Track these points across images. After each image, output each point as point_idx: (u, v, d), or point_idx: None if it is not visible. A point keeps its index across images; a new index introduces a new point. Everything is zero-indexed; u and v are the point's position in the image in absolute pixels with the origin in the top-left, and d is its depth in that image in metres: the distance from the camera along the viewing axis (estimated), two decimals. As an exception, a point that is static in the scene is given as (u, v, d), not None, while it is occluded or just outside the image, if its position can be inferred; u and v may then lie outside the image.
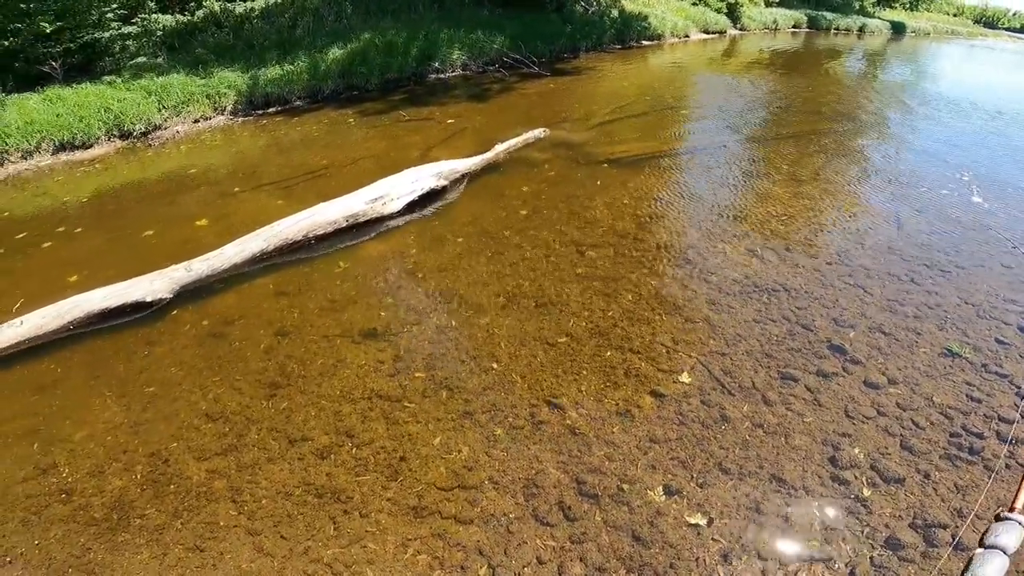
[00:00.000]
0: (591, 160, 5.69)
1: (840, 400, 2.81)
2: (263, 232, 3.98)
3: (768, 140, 6.95)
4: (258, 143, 6.81)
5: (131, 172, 6.06)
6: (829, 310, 3.41)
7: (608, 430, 2.64)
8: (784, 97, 9.50)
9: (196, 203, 5.11)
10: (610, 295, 3.49)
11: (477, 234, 4.21)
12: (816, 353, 3.09)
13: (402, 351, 3.11)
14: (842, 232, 4.45)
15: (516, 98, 8.46)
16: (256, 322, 3.38)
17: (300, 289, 3.67)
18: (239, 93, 7.78)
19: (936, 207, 5.05)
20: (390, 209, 4.39)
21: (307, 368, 3.00)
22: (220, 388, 2.88)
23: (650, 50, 13.65)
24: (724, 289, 3.55)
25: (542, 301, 3.44)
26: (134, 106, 6.96)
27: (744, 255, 3.91)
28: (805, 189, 5.30)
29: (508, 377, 2.93)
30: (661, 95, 8.94)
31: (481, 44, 10.37)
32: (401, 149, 6.28)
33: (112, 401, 2.80)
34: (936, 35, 28.94)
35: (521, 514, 2.26)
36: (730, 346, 3.12)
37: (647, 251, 3.95)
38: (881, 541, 2.16)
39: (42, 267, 4.15)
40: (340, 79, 8.65)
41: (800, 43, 18.28)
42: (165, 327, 3.36)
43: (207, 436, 2.60)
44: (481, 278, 3.67)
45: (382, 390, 2.85)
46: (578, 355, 3.06)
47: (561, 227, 4.28)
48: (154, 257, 4.12)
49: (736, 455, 2.52)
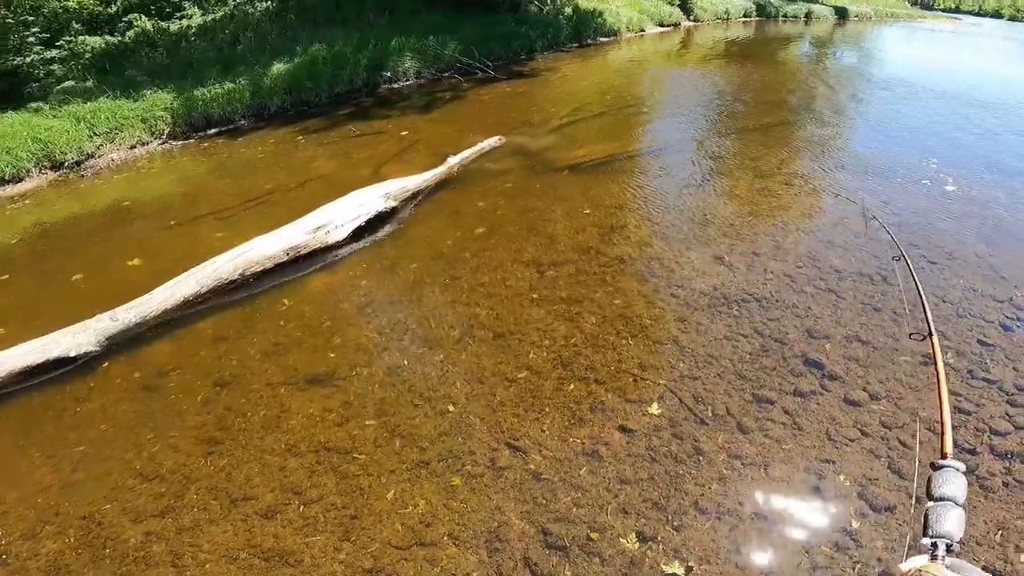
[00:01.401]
0: (550, 167, 5.47)
1: (820, 422, 2.65)
2: (196, 272, 3.66)
3: (728, 135, 6.84)
4: (199, 168, 6.43)
5: (63, 207, 5.65)
6: (802, 320, 3.25)
7: (574, 473, 2.44)
8: (741, 89, 9.46)
9: (130, 240, 4.75)
10: (572, 319, 3.27)
11: (431, 258, 3.96)
12: (792, 370, 2.92)
13: (351, 397, 2.85)
14: (809, 231, 4.32)
15: (471, 105, 8.21)
16: (193, 372, 3.10)
17: (240, 333, 3.38)
18: (177, 116, 7.35)
19: (903, 197, 4.98)
20: (335, 238, 4.10)
21: (248, 421, 2.75)
22: (155, 446, 2.65)
23: (607, 47, 13.54)
24: (692, 304, 3.36)
25: (500, 331, 3.20)
26: (63, 134, 6.52)
27: (711, 263, 3.74)
28: (769, 185, 5.17)
29: (465, 420, 2.70)
30: (620, 93, 8.80)
31: (434, 50, 10.08)
32: (351, 167, 5.98)
33: (41, 462, 2.61)
34: (878, 19, 29.65)
35: (484, 573, 2.07)
36: (701, 369, 2.93)
37: (610, 266, 3.74)
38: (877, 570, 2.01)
39: (-41, 322, 3.77)
40: (287, 95, 8.28)
41: (752, 32, 18.46)
42: (95, 382, 3.09)
43: (142, 497, 2.41)
44: (436, 309, 3.42)
45: (330, 441, 2.61)
46: (539, 391, 2.84)
47: (520, 245, 4.04)
48: (83, 304, 3.81)
49: (713, 492, 2.34)
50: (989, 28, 32.61)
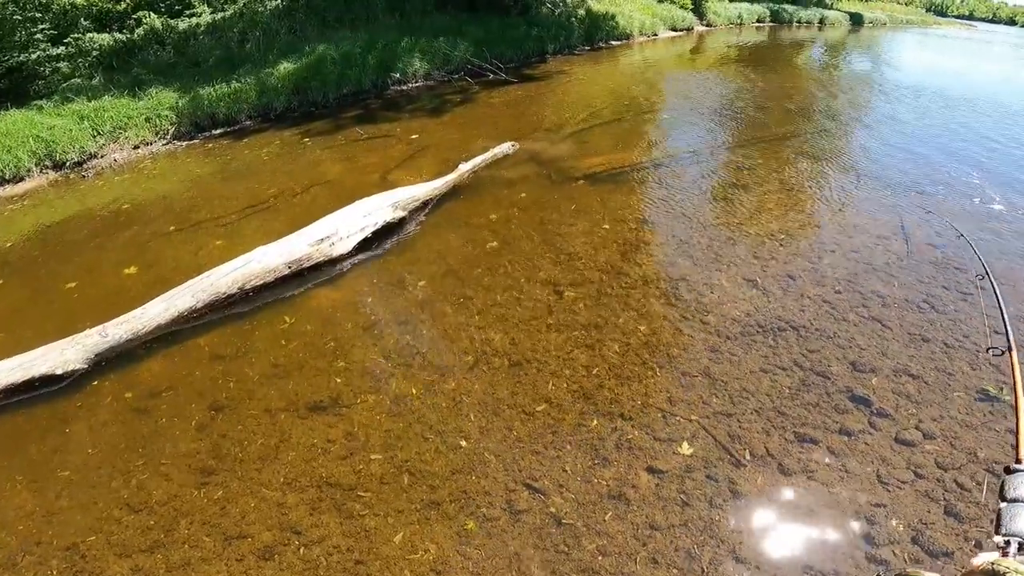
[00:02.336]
0: (565, 177, 5.23)
1: (870, 463, 2.42)
2: (192, 285, 3.44)
3: (750, 145, 6.58)
4: (202, 170, 6.23)
5: (62, 209, 5.47)
6: (845, 351, 3.00)
7: (599, 517, 2.22)
8: (760, 96, 9.20)
9: (126, 246, 4.55)
10: (594, 347, 3.04)
11: (441, 275, 3.72)
12: (836, 407, 2.68)
13: (356, 427, 2.62)
14: (847, 252, 4.04)
15: (482, 109, 7.99)
16: (187, 394, 2.89)
17: (239, 351, 3.16)
18: (182, 115, 7.16)
19: (942, 214, 4.71)
20: (339, 250, 3.88)
21: (245, 450, 2.54)
22: (144, 473, 2.45)
23: (619, 50, 13.31)
24: (724, 332, 3.12)
25: (516, 358, 2.97)
26: (65, 133, 6.34)
27: (743, 287, 3.49)
28: (798, 201, 4.92)
29: (479, 456, 2.47)
30: (635, 98, 8.56)
31: (443, 52, 9.87)
32: (358, 172, 5.77)
33: (23, 487, 2.43)
34: (892, 25, 29.36)
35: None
36: (735, 404, 2.70)
37: (633, 288, 3.50)
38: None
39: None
40: (294, 95, 8.08)
41: (767, 37, 18.20)
42: (83, 401, 2.88)
43: (130, 530, 2.22)
44: (446, 332, 3.19)
45: (333, 476, 2.40)
46: (560, 426, 2.60)
47: (535, 262, 3.81)
48: (75, 314, 3.63)
49: (752, 541, 2.11)
50: (1004, 36, 32.24)
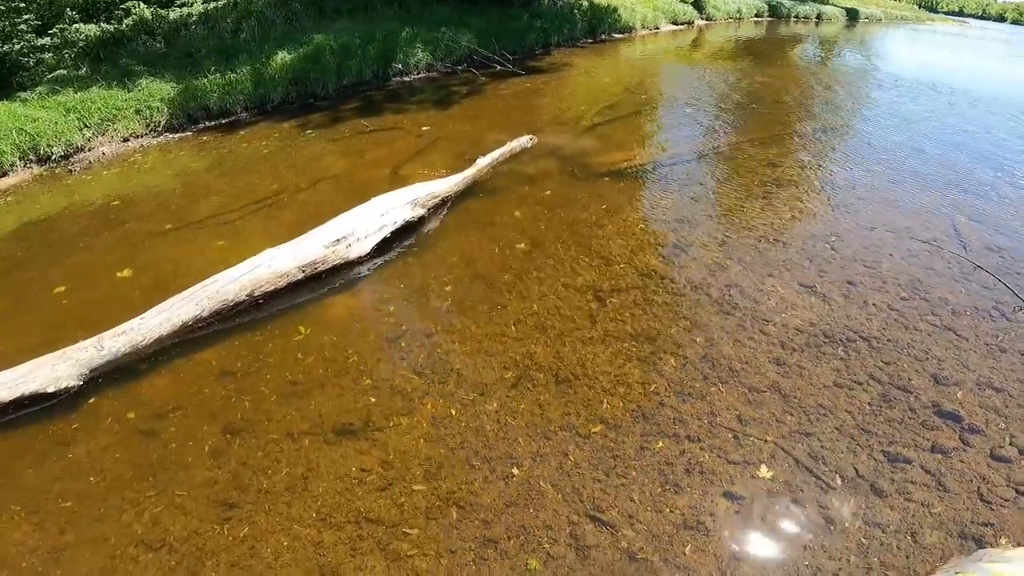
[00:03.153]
0: (590, 173, 4.93)
1: (969, 481, 2.19)
2: (196, 292, 3.11)
3: (777, 141, 6.26)
4: (197, 164, 5.86)
5: (48, 205, 5.09)
6: (923, 363, 2.75)
7: (678, 551, 1.97)
8: (776, 91, 8.88)
9: (119, 246, 4.20)
10: (647, 360, 2.75)
11: (468, 280, 3.42)
12: (924, 423, 2.43)
13: (391, 454, 2.33)
14: (905, 255, 3.77)
15: (491, 100, 7.67)
16: (197, 414, 2.58)
17: (251, 367, 2.84)
18: (175, 106, 6.78)
19: (994, 210, 4.47)
20: (356, 252, 3.56)
21: (270, 479, 2.24)
22: (158, 505, 2.16)
23: (622, 43, 13.02)
24: (788, 343, 2.85)
25: (563, 375, 2.68)
26: (50, 126, 5.96)
27: (801, 294, 3.22)
28: (843, 199, 4.65)
29: (535, 485, 2.20)
30: (650, 92, 8.27)
31: (446, 42, 9.53)
32: (366, 167, 5.43)
33: (22, 518, 2.14)
34: (887, 20, 29.41)
35: None
36: (814, 423, 2.43)
37: (681, 295, 3.22)
38: None
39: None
40: (291, 86, 7.72)
41: (766, 32, 17.98)
42: (80, 421, 2.57)
43: (150, 571, 1.95)
44: (481, 344, 2.89)
45: (372, 511, 2.11)
46: (621, 449, 2.33)
47: (571, 265, 3.51)
48: (65, 323, 3.29)
49: (854, 567, 1.87)
50: (994, 32, 32.46)
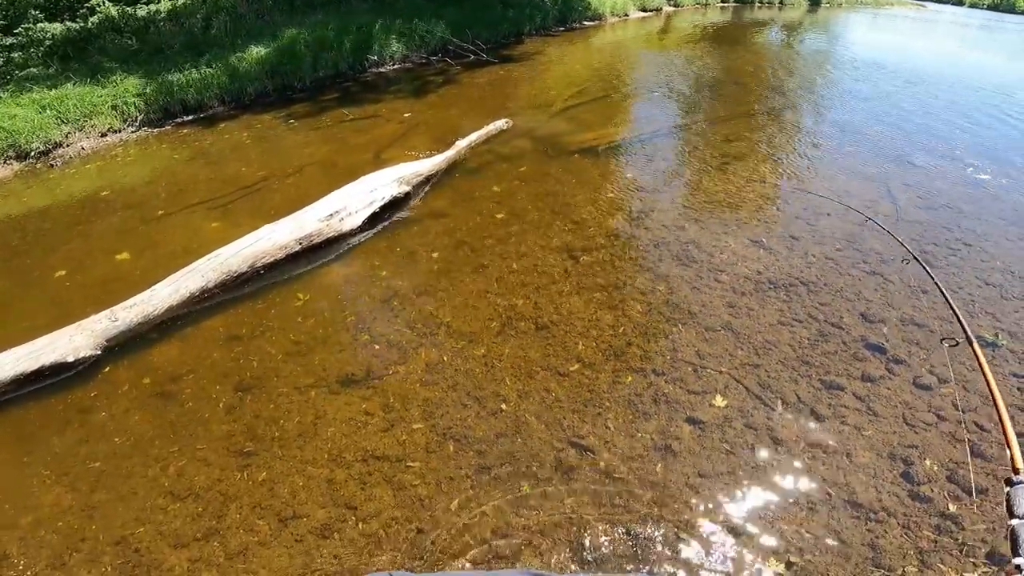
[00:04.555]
0: (562, 151, 5.24)
1: (895, 406, 2.54)
2: (201, 265, 3.35)
3: (735, 118, 6.67)
4: (180, 156, 6.01)
5: (34, 199, 5.21)
6: (854, 303, 3.13)
7: (650, 469, 2.27)
8: (738, 73, 9.32)
9: (114, 232, 4.37)
10: (617, 307, 3.08)
11: (454, 246, 3.71)
12: (855, 355, 2.80)
13: (391, 399, 2.61)
14: (842, 213, 4.17)
15: (467, 88, 7.91)
16: (209, 376, 2.81)
17: (256, 331, 3.09)
18: (151, 102, 6.89)
19: (923, 177, 4.91)
20: (349, 225, 3.82)
21: (282, 429, 2.49)
22: (181, 459, 2.38)
23: (593, 31, 13.31)
24: (738, 289, 3.21)
25: (542, 322, 3.00)
26: (27, 123, 6.04)
27: (750, 247, 3.59)
28: (789, 167, 5.07)
29: (521, 419, 2.50)
30: (618, 76, 8.60)
31: (421, 33, 9.71)
32: (350, 152, 5.66)
33: (53, 481, 2.32)
34: (848, 5, 30.17)
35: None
36: (761, 356, 2.79)
37: (646, 251, 3.56)
38: (983, 558, 1.93)
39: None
40: (268, 79, 7.85)
41: (732, 17, 18.44)
42: (98, 389, 2.77)
43: (179, 519, 2.14)
44: (468, 300, 3.19)
45: (378, 449, 2.38)
46: (596, 384, 2.65)
47: (546, 230, 3.82)
48: (71, 303, 3.48)
49: (801, 482, 2.21)
50: (951, 15, 33.55)
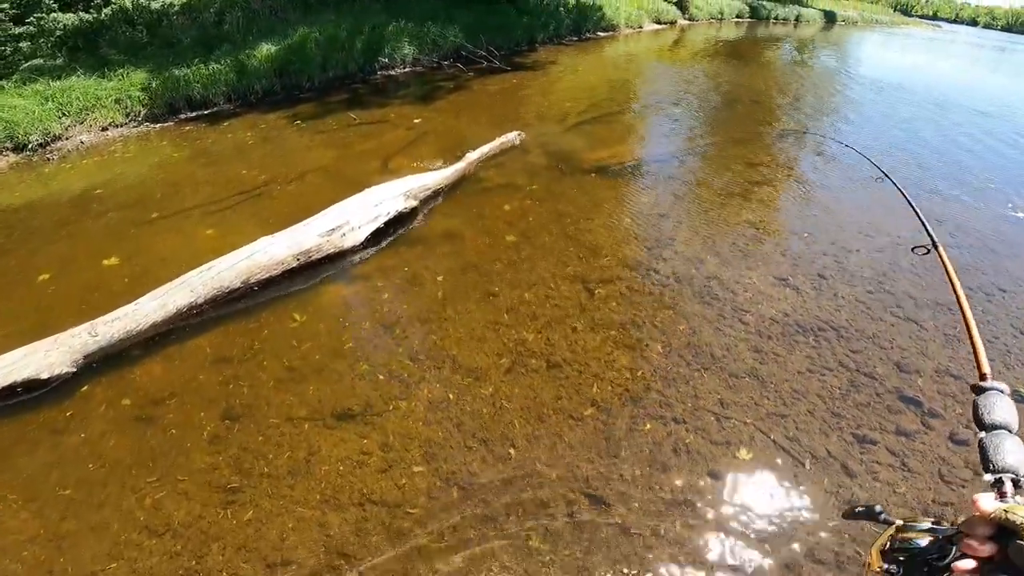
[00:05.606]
0: (576, 169, 5.04)
1: (930, 462, 2.35)
2: (191, 278, 3.14)
3: (756, 140, 6.45)
4: (180, 154, 5.83)
5: (26, 193, 5.02)
6: (888, 352, 2.93)
7: (669, 526, 2.08)
8: (758, 92, 9.11)
9: (103, 234, 4.17)
10: (634, 347, 2.88)
11: (460, 270, 3.51)
12: (889, 407, 2.60)
13: (391, 437, 2.40)
14: (872, 251, 3.94)
15: (478, 96, 7.74)
16: (194, 401, 2.61)
17: (246, 353, 2.89)
18: (156, 96, 6.73)
19: (955, 211, 4.71)
20: (351, 242, 3.62)
21: (272, 464, 2.29)
22: (160, 491, 2.19)
23: (607, 42, 13.17)
24: (764, 332, 3.01)
25: (554, 360, 2.79)
26: (27, 114, 5.87)
27: (776, 285, 3.38)
28: (813, 195, 4.85)
29: (531, 466, 2.30)
30: (633, 89, 8.42)
31: (433, 37, 9.55)
32: (355, 159, 5.47)
33: (20, 506, 2.14)
34: (863, 23, 30.18)
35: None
36: (788, 406, 2.59)
37: (665, 286, 3.35)
38: None
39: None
40: (276, 77, 7.69)
41: (746, 33, 18.33)
42: (74, 408, 2.58)
43: (155, 556, 1.96)
44: (474, 331, 2.98)
45: (375, 492, 2.18)
46: (612, 431, 2.45)
47: (559, 257, 3.62)
48: (52, 310, 3.29)
49: (827, 543, 2.02)
50: (965, 35, 33.57)
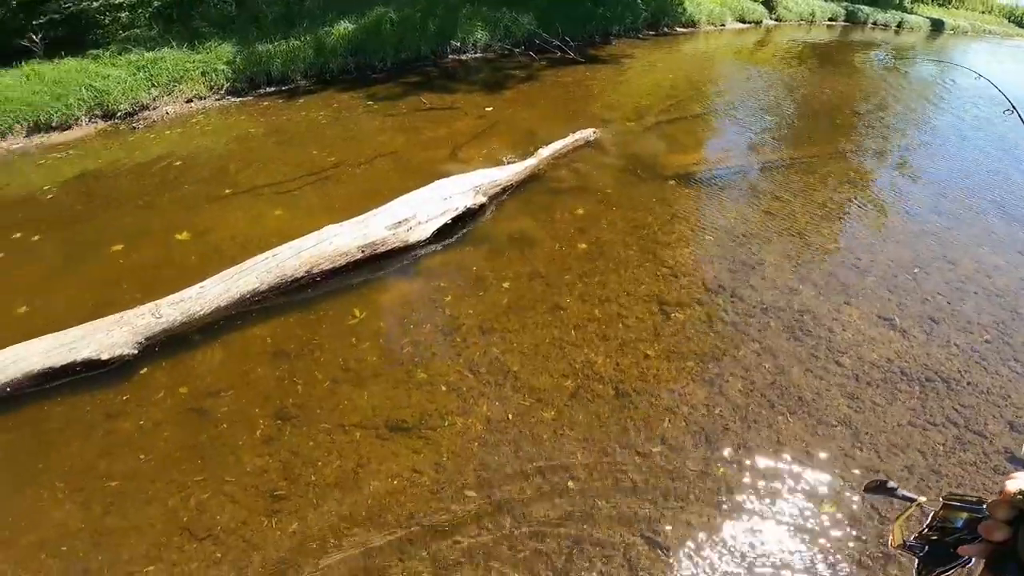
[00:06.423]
0: (656, 174, 4.74)
1: None
2: (255, 264, 3.11)
3: (862, 154, 5.82)
4: (256, 130, 5.91)
5: (109, 160, 5.21)
6: (1002, 409, 2.57)
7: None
8: (856, 100, 8.30)
9: (178, 207, 4.25)
10: (712, 382, 2.63)
11: (527, 277, 3.33)
12: (996, 469, 2.29)
13: (444, 456, 2.28)
14: (992, 294, 3.46)
15: (550, 87, 7.49)
16: (249, 396, 2.56)
17: (304, 348, 2.83)
18: (238, 70, 6.88)
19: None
20: (417, 236, 3.51)
21: (320, 473, 2.21)
22: (205, 491, 2.14)
23: (685, 38, 12.55)
24: (863, 377, 2.69)
25: (623, 388, 2.58)
26: (119, 83, 6.11)
27: (880, 327, 3.02)
28: (929, 226, 4.24)
29: (590, 501, 2.12)
30: (717, 91, 7.93)
31: (507, 23, 9.34)
32: (424, 146, 5.37)
33: (65, 496, 2.13)
34: (975, 33, 27.84)
35: None
36: (884, 460, 2.30)
37: (751, 315, 3.06)
38: None
39: (-13, 290, 3.32)
40: (350, 57, 7.72)
41: (842, 37, 17.12)
42: (131, 392, 2.56)
43: (195, 561, 1.91)
44: (539, 347, 2.81)
45: (424, 515, 2.06)
46: (680, 472, 2.23)
47: (634, 272, 3.38)
48: (120, 284, 3.34)
49: None
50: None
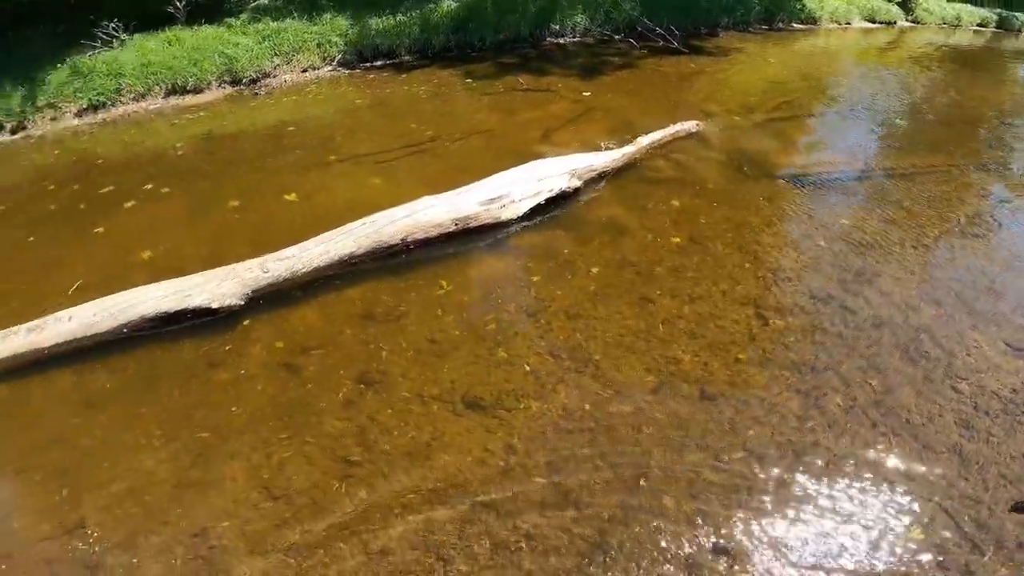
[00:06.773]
0: (762, 172, 4.46)
1: None
2: (354, 228, 3.25)
3: (1004, 168, 5.08)
4: (362, 101, 6.20)
5: (233, 123, 5.67)
6: None
7: None
8: (1001, 110, 7.23)
9: (289, 170, 4.54)
10: (809, 394, 2.46)
11: (617, 265, 3.26)
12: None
13: (516, 439, 2.28)
14: None
15: (651, 76, 7.24)
16: (337, 357, 2.68)
17: (392, 314, 2.93)
18: (348, 43, 7.23)
19: None
20: (509, 214, 3.52)
21: (394, 443, 2.27)
22: (287, 450, 2.25)
23: (802, 35, 11.60)
24: (982, 406, 2.42)
25: (710, 391, 2.47)
26: (247, 52, 6.62)
27: (1009, 356, 2.69)
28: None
29: (659, 501, 2.05)
30: (835, 91, 7.32)
31: (608, 8, 9.11)
32: (518, 127, 5.38)
33: (160, 444, 2.28)
34: None
35: None
36: (989, 491, 2.08)
37: (860, 329, 2.82)
38: None
39: (117, 235, 3.71)
40: (452, 34, 7.86)
41: (992, 43, 15.17)
42: (232, 343, 2.75)
43: (266, 520, 2.01)
44: (623, 338, 2.74)
45: (489, 496, 2.08)
46: (758, 482, 2.11)
47: (731, 272, 3.22)
48: (233, 237, 3.62)
49: None
50: None
